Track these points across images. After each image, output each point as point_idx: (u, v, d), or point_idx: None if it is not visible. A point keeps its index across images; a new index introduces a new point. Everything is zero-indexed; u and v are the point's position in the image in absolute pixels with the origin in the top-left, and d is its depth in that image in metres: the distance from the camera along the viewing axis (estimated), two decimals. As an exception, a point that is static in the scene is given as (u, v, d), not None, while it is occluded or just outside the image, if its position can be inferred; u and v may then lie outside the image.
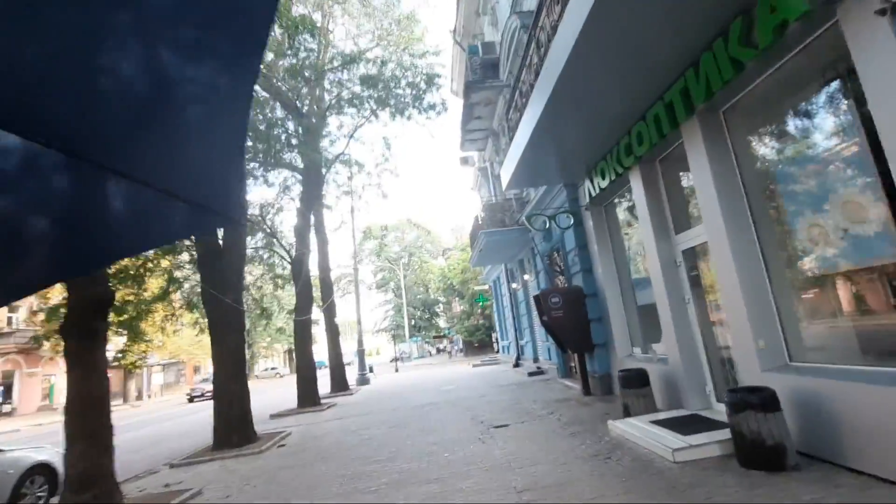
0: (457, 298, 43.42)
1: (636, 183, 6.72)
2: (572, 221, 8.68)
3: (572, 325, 8.64)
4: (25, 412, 29.09)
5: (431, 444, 6.61)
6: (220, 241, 8.93)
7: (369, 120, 17.73)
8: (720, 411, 5.63)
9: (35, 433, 20.52)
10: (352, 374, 20.95)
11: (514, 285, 16.62)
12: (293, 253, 14.18)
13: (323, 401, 14.79)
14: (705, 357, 5.92)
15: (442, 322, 61.88)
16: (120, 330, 14.88)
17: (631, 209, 7.91)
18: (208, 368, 49.13)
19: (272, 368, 49.86)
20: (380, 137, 18.81)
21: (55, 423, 23.76)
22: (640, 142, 6.14)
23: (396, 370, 30.01)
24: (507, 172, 8.49)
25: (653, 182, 6.55)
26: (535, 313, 14.85)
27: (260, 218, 13.66)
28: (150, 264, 9.21)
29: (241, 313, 8.84)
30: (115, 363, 30.91)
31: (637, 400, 6.27)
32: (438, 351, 63.88)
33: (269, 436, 8.98)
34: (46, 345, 27.95)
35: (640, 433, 5.27)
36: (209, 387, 25.10)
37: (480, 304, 26.17)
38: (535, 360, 15.05)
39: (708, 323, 5.98)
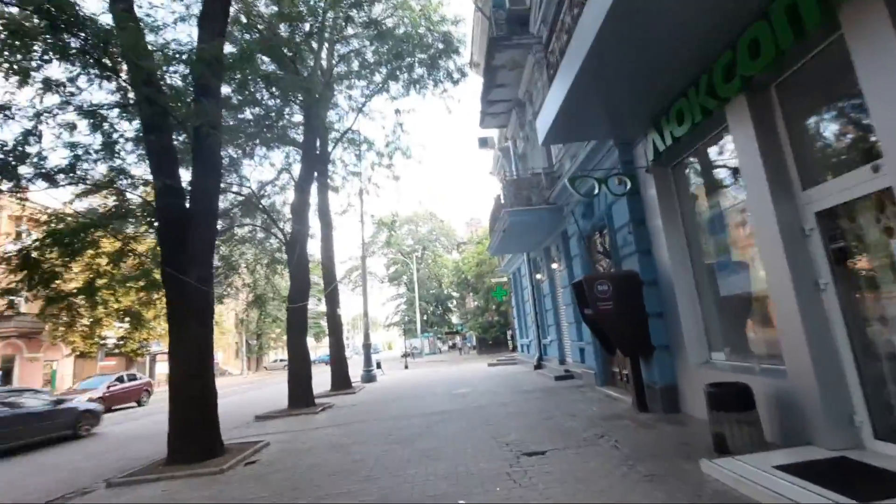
0: (471, 293, 41.54)
1: (739, 121, 4.72)
2: (628, 187, 6.69)
3: (625, 320, 6.68)
4: (25, 398, 28.05)
5: (440, 479, 4.73)
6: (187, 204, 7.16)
7: (379, 92, 15.90)
8: (884, 454, 3.65)
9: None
10: (358, 369, 19.24)
11: (538, 276, 14.66)
12: (290, 233, 12.40)
13: (320, 400, 13.03)
14: (854, 369, 3.93)
15: (454, 318, 60.18)
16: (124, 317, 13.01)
17: (711, 168, 5.92)
18: (217, 357, 48.01)
19: (281, 360, 48.63)
20: (391, 111, 16.95)
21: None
22: (756, 54, 4.14)
23: (406, 366, 28.27)
24: (545, 122, 6.55)
25: (766, 117, 4.54)
26: (562, 309, 12.88)
27: (252, 193, 11.90)
28: (99, 233, 7.48)
29: (207, 296, 7.05)
30: (117, 350, 29.78)
31: (738, 429, 4.31)
32: (450, 347, 62.12)
33: (240, 448, 7.20)
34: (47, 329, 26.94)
35: (768, 486, 3.32)
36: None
37: (498, 298, 23.63)
38: (562, 361, 13.09)
39: (859, 318, 3.98)
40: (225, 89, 10.65)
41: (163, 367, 34.83)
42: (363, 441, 7.05)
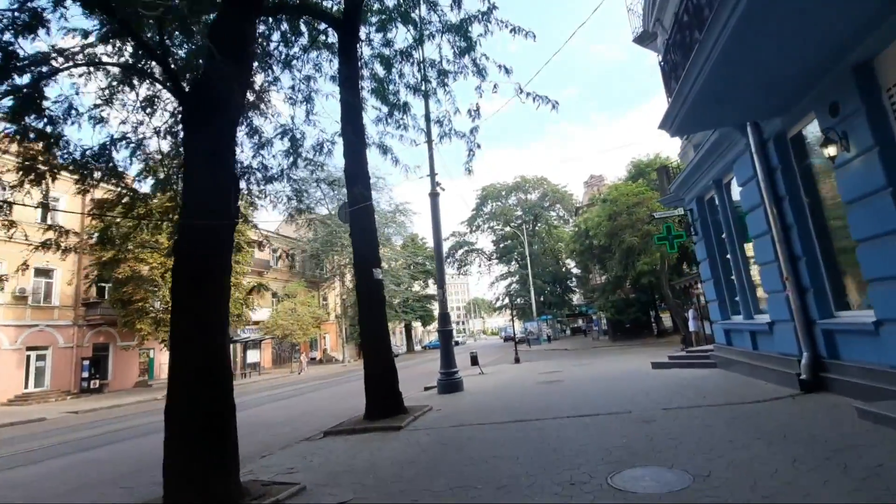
0: (596, 265, 31.82)
1: None
2: None
3: None
4: (119, 388, 26.13)
5: None
6: None
7: None
8: None
9: (69, 424, 15.30)
10: (464, 365, 11.93)
11: (829, 152, 5.67)
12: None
13: (319, 445, 5.86)
14: None
15: (575, 298, 50.52)
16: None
17: None
18: (325, 342, 44.80)
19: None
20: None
21: (132, 404, 19.15)
22: None
23: (517, 359, 20.38)
24: None
25: None
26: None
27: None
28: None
29: None
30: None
31: None
32: (574, 331, 52.52)
33: None
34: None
35: None
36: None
37: (668, 247, 12.33)
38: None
39: None
40: None
41: (254, 356, 31.67)
42: None
